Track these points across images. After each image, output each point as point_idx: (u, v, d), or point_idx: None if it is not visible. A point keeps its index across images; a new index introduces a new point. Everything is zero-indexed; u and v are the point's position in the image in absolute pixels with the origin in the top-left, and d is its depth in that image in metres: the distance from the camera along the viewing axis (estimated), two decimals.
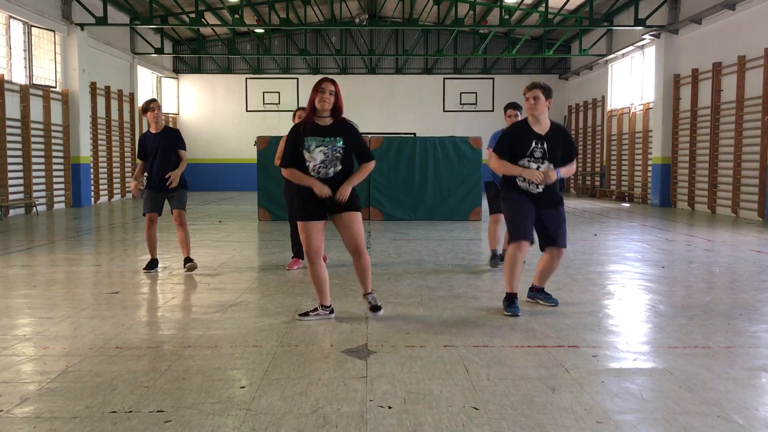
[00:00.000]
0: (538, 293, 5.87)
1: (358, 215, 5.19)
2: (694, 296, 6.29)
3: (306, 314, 5.33)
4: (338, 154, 5.07)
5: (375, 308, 5.36)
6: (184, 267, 7.62)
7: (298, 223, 5.15)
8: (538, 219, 5.54)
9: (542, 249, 5.72)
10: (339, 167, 5.09)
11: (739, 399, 3.56)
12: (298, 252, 7.92)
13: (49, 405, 3.45)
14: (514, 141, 5.48)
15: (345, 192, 5.04)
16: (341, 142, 5.07)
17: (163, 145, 7.54)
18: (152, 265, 7.70)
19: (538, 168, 5.41)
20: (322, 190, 4.98)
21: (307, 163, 5.05)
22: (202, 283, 6.95)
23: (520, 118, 7.36)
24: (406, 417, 3.30)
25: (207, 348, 4.51)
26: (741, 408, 3.44)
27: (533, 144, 5.43)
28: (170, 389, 3.67)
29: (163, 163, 7.53)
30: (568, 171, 5.60)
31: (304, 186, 5.07)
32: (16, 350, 4.46)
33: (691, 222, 13.95)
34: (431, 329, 5.00)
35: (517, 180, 5.48)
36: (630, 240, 10.81)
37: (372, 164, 5.23)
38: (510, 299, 5.50)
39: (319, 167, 5.05)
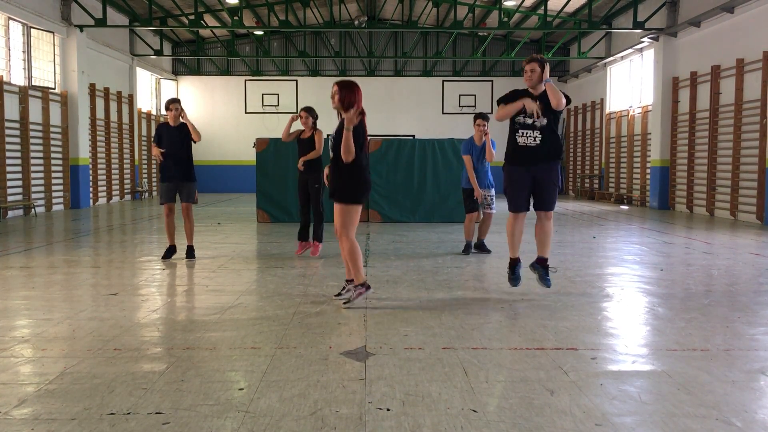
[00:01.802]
0: (539, 266, 6.21)
1: (339, 207, 5.78)
2: (693, 299, 6.29)
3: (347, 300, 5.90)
4: (331, 143, 5.91)
5: (339, 295, 6.06)
6: (186, 255, 8.58)
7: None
8: (533, 181, 6.02)
9: (535, 209, 6.23)
10: (331, 154, 5.91)
11: (737, 401, 3.57)
12: (302, 236, 9.08)
13: (47, 407, 3.45)
14: (512, 96, 6.10)
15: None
16: (332, 134, 5.91)
17: (178, 138, 8.55)
18: (170, 252, 8.60)
19: (533, 123, 5.91)
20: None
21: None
22: (200, 285, 6.94)
23: (487, 129, 8.77)
24: (405, 419, 3.30)
25: (205, 350, 4.50)
26: (740, 411, 3.44)
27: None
28: (169, 391, 3.67)
29: (177, 155, 8.56)
30: (556, 91, 5.89)
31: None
32: (14, 352, 4.45)
33: (690, 225, 13.96)
34: (430, 331, 5.00)
35: (517, 137, 5.98)
36: (628, 242, 10.82)
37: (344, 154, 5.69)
38: (512, 266, 6.26)
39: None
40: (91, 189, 19.31)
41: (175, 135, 8.62)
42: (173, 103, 8.59)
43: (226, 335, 4.88)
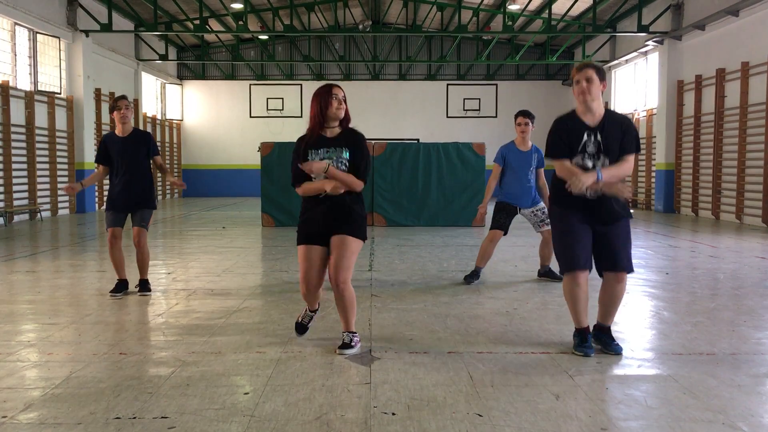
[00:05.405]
0: (601, 334, 4.64)
1: (353, 240, 4.47)
2: (699, 303, 6.27)
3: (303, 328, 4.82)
4: (344, 167, 4.45)
5: (344, 345, 4.52)
6: (138, 289, 6.69)
7: (298, 248, 4.58)
8: (594, 236, 4.51)
9: (599, 273, 4.62)
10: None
11: (744, 406, 3.55)
12: None
13: (53, 411, 3.46)
14: (564, 136, 4.48)
15: (329, 183, 4.39)
16: (347, 154, 4.46)
17: (130, 152, 6.47)
18: (120, 287, 6.59)
19: (594, 166, 4.41)
20: (329, 185, 4.38)
21: (314, 178, 4.47)
22: (205, 289, 6.95)
23: (531, 129, 7.16)
24: (410, 424, 3.29)
25: (210, 354, 4.51)
26: (746, 415, 3.42)
27: (585, 137, 4.42)
28: (174, 395, 3.67)
29: (131, 176, 6.46)
30: (615, 172, 4.38)
31: (306, 212, 4.58)
32: (20, 356, 4.46)
33: (695, 228, 13.92)
34: (435, 335, 4.99)
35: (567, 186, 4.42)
36: (633, 246, 10.71)
37: (360, 184, 4.50)
38: (581, 335, 4.55)
39: None
40: (96, 194, 19.36)
41: (127, 149, 6.46)
42: (121, 101, 6.47)
43: (232, 339, 4.89)
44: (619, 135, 4.44)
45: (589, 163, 4.41)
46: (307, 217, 4.56)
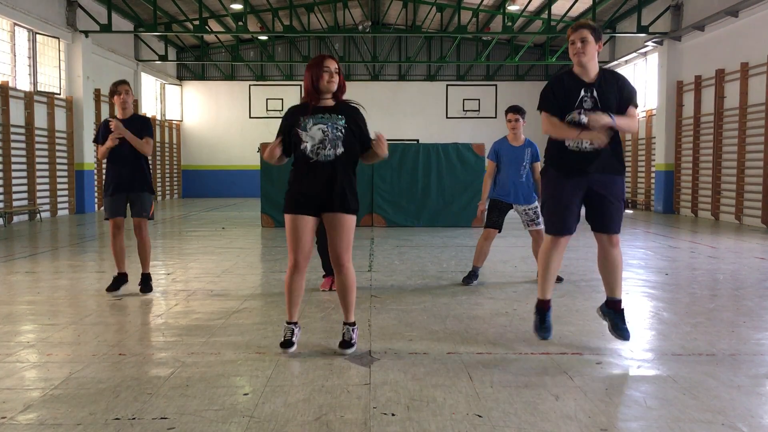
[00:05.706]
0: (613, 313, 4.64)
1: (348, 218, 4.41)
2: (698, 303, 6.27)
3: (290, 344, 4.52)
4: (340, 133, 4.35)
5: (345, 344, 4.50)
6: (139, 286, 6.71)
7: (285, 217, 4.45)
8: (586, 196, 4.53)
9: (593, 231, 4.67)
10: (340, 149, 4.35)
11: (743, 407, 3.55)
12: (328, 269, 6.81)
13: (52, 412, 3.45)
14: (559, 92, 4.47)
15: (382, 140, 4.34)
16: (344, 121, 4.39)
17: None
18: (119, 282, 6.67)
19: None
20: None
21: (303, 145, 4.33)
22: (205, 290, 6.95)
23: (522, 124, 7.12)
24: (410, 424, 3.29)
25: (210, 355, 4.51)
26: (746, 416, 3.42)
27: (582, 93, 4.43)
28: (173, 396, 3.67)
29: (129, 158, 6.39)
30: (626, 122, 4.42)
31: (295, 180, 4.45)
32: (19, 357, 4.46)
33: (695, 229, 13.93)
34: (434, 336, 4.99)
35: (566, 142, 4.46)
36: (633, 247, 10.78)
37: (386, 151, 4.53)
38: (540, 311, 4.72)
39: (317, 148, 4.32)
40: (96, 194, 19.36)
41: (127, 131, 6.35)
42: (121, 85, 6.37)
43: (231, 340, 4.88)
44: (615, 90, 4.46)
45: (585, 119, 4.38)
46: (297, 186, 4.44)
